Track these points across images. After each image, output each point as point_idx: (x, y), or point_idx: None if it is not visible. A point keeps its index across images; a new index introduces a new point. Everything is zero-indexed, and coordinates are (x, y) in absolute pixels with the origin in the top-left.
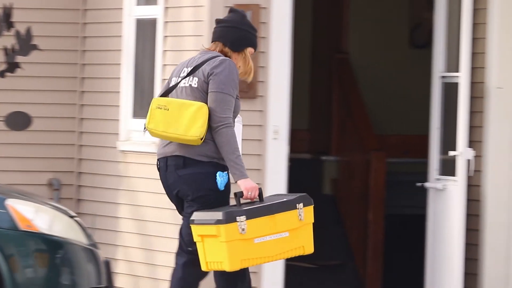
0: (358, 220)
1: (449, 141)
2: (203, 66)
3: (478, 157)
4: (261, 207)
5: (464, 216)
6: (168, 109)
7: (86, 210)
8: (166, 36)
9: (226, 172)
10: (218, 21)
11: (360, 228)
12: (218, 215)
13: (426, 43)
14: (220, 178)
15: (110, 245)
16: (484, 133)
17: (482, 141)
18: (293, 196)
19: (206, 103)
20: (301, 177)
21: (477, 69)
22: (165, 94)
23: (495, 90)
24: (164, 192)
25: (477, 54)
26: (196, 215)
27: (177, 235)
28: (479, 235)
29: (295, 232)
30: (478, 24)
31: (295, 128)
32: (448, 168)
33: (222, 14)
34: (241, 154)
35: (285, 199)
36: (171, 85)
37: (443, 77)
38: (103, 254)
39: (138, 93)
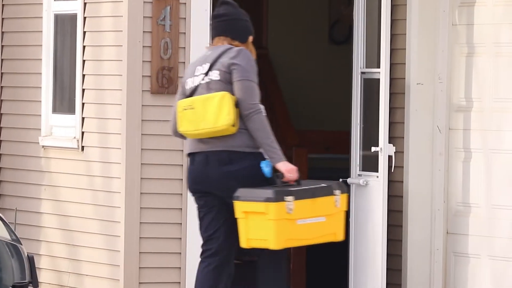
0: None
1: (370, 137)
2: (221, 58)
3: (399, 153)
4: (307, 190)
5: (386, 212)
6: (193, 108)
7: (8, 205)
8: (85, 32)
9: (267, 160)
10: (216, 16)
11: None
12: (268, 193)
13: (345, 39)
14: (266, 167)
15: (33, 241)
16: (405, 128)
17: (403, 137)
18: (329, 182)
19: (231, 93)
20: None
21: (397, 65)
22: (190, 95)
23: (415, 86)
24: (88, 188)
25: (396, 50)
26: (241, 192)
27: (99, 231)
28: (402, 231)
29: (330, 218)
30: (397, 20)
31: None
32: (369, 164)
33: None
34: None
35: (324, 184)
36: (188, 86)
37: (363, 73)
38: (26, 250)
39: (59, 88)
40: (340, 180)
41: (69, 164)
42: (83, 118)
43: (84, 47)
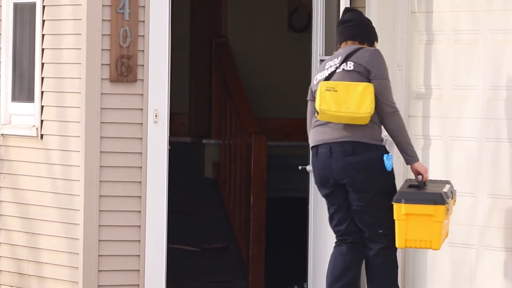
0: (240, 204)
1: None
2: (357, 53)
3: None
4: (448, 192)
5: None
6: (336, 91)
7: None
8: (44, 20)
9: (391, 154)
10: (343, 22)
11: (243, 211)
12: (435, 195)
13: (305, 27)
14: (388, 161)
15: None
16: None
17: None
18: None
19: (357, 80)
20: (183, 160)
21: None
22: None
23: None
24: (47, 176)
25: None
26: (403, 194)
27: (59, 219)
28: None
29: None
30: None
31: (176, 112)
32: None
33: None
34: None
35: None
36: (317, 81)
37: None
38: None
39: (18, 77)
40: (299, 167)
41: (28, 152)
42: (42, 107)
43: (43, 35)
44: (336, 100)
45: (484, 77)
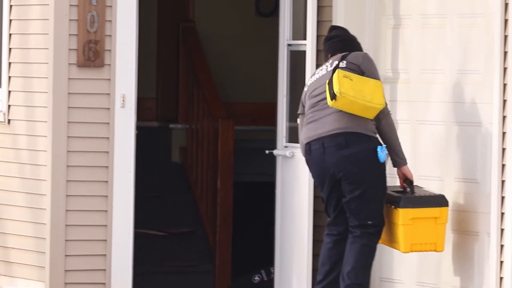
0: (208, 188)
1: (296, 109)
2: (349, 55)
3: None
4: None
5: (312, 183)
6: (352, 80)
7: None
8: (12, 6)
9: (384, 146)
10: (329, 38)
11: (210, 196)
12: (438, 197)
13: (272, 11)
14: (381, 152)
15: None
16: None
17: None
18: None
19: None
20: (150, 145)
21: (323, 37)
22: (315, 88)
23: None
24: (15, 161)
25: (323, 22)
26: (407, 200)
27: (25, 204)
28: None
29: None
30: None
31: (143, 97)
32: (296, 135)
33: None
34: None
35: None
36: (309, 83)
37: (290, 45)
38: None
39: None
40: (267, 151)
41: None
42: (9, 92)
43: (10, 21)
44: (352, 87)
45: (451, 61)
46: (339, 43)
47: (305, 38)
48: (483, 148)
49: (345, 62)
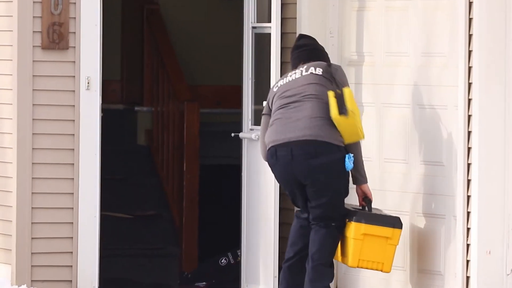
0: (174, 171)
1: (262, 92)
2: (312, 64)
3: None
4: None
5: None
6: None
7: None
8: None
9: (351, 154)
10: (297, 47)
11: (176, 178)
12: (394, 219)
13: None
14: (349, 161)
15: None
16: None
17: None
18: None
19: (324, 84)
20: (115, 128)
21: (288, 20)
22: (285, 90)
23: None
24: None
25: (288, 5)
26: (362, 215)
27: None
28: None
29: None
30: None
31: (108, 79)
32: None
33: None
34: None
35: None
36: (278, 87)
37: (254, 27)
38: None
39: None
40: (232, 134)
41: None
42: None
43: None
44: (358, 112)
45: (415, 43)
46: (307, 52)
47: (269, 21)
48: (448, 131)
49: (320, 69)
